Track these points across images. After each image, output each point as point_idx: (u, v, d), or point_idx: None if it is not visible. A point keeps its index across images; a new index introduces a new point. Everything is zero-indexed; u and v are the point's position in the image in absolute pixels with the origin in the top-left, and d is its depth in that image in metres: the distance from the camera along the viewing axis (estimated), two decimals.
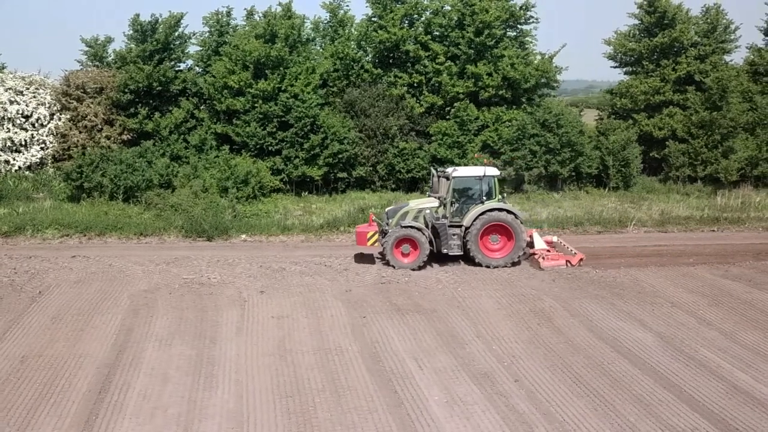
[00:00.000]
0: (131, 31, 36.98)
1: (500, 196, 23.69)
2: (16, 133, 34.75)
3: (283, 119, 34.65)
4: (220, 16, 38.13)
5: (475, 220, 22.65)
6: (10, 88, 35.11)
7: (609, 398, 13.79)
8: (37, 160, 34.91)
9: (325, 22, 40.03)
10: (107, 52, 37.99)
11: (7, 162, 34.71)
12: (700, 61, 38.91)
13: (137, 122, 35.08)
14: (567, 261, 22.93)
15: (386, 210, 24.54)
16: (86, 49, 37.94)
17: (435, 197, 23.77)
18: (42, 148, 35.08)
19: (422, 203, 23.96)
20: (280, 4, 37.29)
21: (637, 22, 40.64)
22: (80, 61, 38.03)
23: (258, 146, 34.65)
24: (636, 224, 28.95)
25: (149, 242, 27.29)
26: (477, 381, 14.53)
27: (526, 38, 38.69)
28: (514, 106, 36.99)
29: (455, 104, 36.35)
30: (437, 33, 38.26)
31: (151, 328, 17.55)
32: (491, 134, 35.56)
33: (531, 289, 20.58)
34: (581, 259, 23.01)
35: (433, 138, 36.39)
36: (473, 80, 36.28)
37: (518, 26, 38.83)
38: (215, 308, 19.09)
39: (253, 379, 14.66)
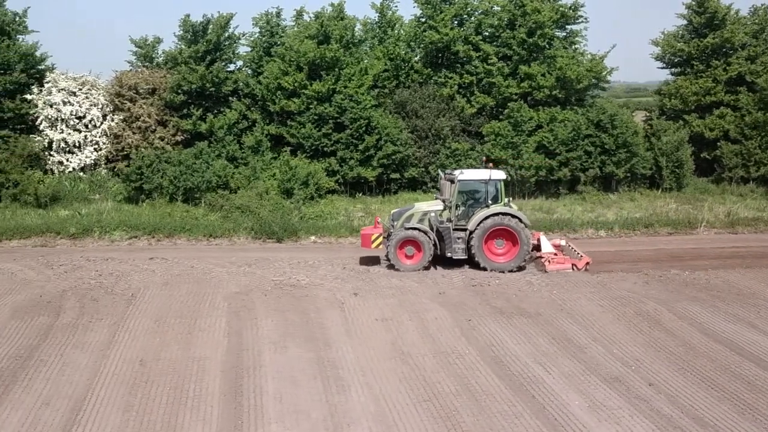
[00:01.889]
0: (181, 32, 36.88)
1: (506, 200, 23.42)
2: (69, 134, 34.61)
3: (338, 120, 34.50)
4: (269, 16, 37.94)
5: (479, 224, 22.42)
6: (63, 89, 34.96)
7: (751, 402, 13.64)
8: (91, 162, 34.74)
9: (374, 22, 39.86)
10: (157, 53, 37.87)
11: (60, 163, 34.57)
12: (751, 62, 38.73)
13: (191, 123, 34.93)
14: (573, 265, 22.73)
15: (392, 212, 24.47)
16: (135, 49, 37.83)
17: (441, 200, 23.57)
18: (95, 150, 34.91)
19: (428, 206, 23.79)
20: (332, 4, 37.16)
21: (685, 22, 40.45)
22: (130, 62, 37.96)
23: (313, 148, 34.49)
24: (705, 225, 28.77)
25: (219, 244, 27.16)
26: (611, 385, 14.37)
27: (576, 38, 38.50)
28: (568, 107, 36.80)
29: (508, 105, 36.17)
30: (487, 33, 38.12)
31: (260, 331, 17.40)
32: (546, 135, 35.36)
33: (626, 291, 20.41)
34: (588, 263, 22.76)
35: (486, 138, 36.21)
36: (528, 81, 36.09)
37: (567, 26, 38.66)
38: (315, 310, 18.94)
39: (383, 383, 14.49)
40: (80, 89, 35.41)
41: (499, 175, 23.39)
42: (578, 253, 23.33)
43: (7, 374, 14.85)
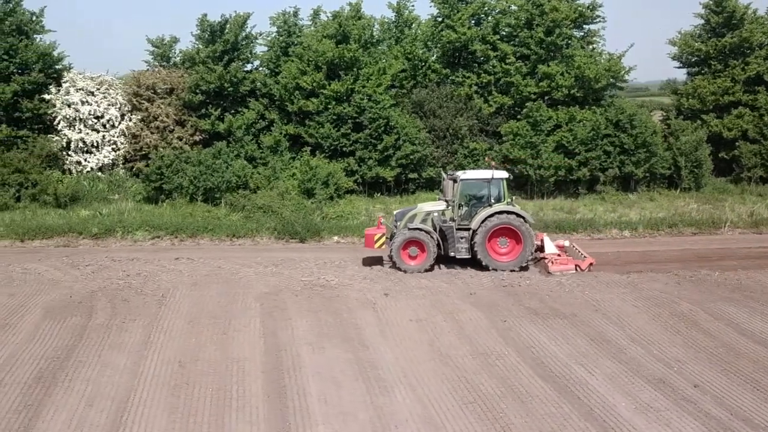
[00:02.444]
0: (198, 31, 36.80)
1: (509, 200, 23.31)
2: (87, 134, 34.53)
3: (356, 120, 34.41)
4: (287, 16, 37.83)
5: (482, 223, 22.31)
6: (81, 89, 34.88)
7: None
8: (110, 161, 34.66)
9: (390, 22, 39.77)
10: (173, 53, 37.80)
11: (78, 163, 34.50)
12: None
13: (209, 123, 34.84)
14: (576, 265, 22.59)
15: (395, 213, 24.33)
16: (152, 49, 37.74)
17: (443, 200, 23.46)
18: (113, 149, 34.83)
19: (431, 206, 23.68)
20: (350, 4, 37.06)
21: (702, 21, 40.30)
22: (147, 62, 37.87)
23: (332, 148, 34.40)
24: (729, 225, 28.63)
25: (242, 244, 27.06)
26: (656, 386, 14.26)
27: (594, 38, 38.40)
28: (586, 106, 36.69)
29: (527, 104, 36.05)
30: (504, 33, 38.01)
31: (296, 332, 17.31)
32: (565, 134, 35.24)
33: (658, 292, 20.29)
34: (591, 264, 22.63)
35: (504, 138, 36.10)
36: (546, 80, 35.98)
37: (584, 26, 38.54)
38: (348, 311, 18.85)
39: (426, 384, 14.40)
40: (98, 89, 35.33)
41: (502, 174, 23.30)
42: (582, 254, 23.20)
43: (47, 375, 14.77)
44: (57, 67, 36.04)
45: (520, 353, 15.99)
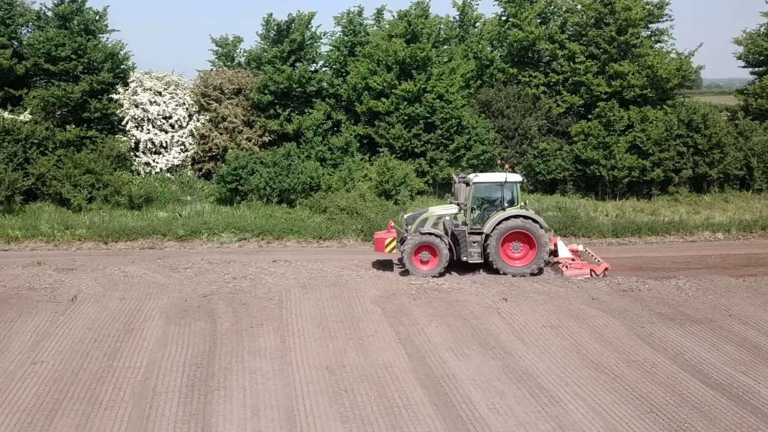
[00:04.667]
0: (264, 31, 36.44)
1: (522, 203, 22.79)
2: (156, 134, 34.21)
3: (428, 120, 33.99)
4: (352, 15, 37.41)
5: (495, 227, 21.79)
6: (148, 89, 34.58)
7: None
8: (179, 162, 34.33)
9: (455, 21, 39.34)
10: (237, 52, 37.46)
11: (147, 164, 34.17)
12: None
13: (278, 124, 34.47)
14: (591, 270, 22.09)
15: (405, 216, 23.86)
16: (216, 48, 37.43)
17: (455, 204, 22.98)
18: (182, 150, 34.50)
19: (442, 210, 23.16)
20: (417, 3, 36.59)
21: None
22: (211, 62, 37.53)
23: (403, 148, 33.97)
24: None
25: (330, 246, 26.70)
26: None
27: (662, 36, 37.86)
28: (659, 106, 36.16)
29: (598, 104, 35.54)
30: (571, 32, 37.52)
31: (430, 337, 16.93)
32: (638, 134, 34.69)
33: None
34: (606, 269, 22.13)
35: (575, 139, 35.60)
36: (618, 80, 35.47)
37: (651, 24, 37.99)
38: (473, 316, 18.45)
39: (593, 393, 13.99)
40: (165, 89, 35.01)
41: (515, 177, 22.84)
42: (596, 259, 22.71)
43: (198, 383, 14.42)
44: (123, 66, 35.69)
45: (674, 360, 15.55)
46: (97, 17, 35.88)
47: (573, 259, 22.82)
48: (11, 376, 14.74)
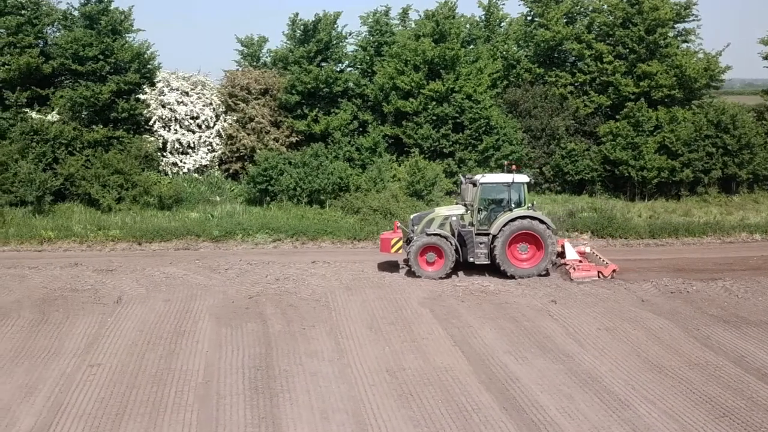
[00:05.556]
0: (289, 31, 36.31)
1: (530, 204, 22.56)
2: (183, 134, 34.08)
3: (457, 120, 33.83)
4: (378, 15, 37.25)
5: (503, 228, 21.55)
6: (175, 89, 34.45)
7: None
8: (206, 163, 34.19)
9: (481, 20, 39.19)
10: (263, 52, 37.32)
11: (174, 164, 34.03)
12: None
13: (305, 124, 34.33)
14: (599, 272, 21.87)
15: (411, 217, 23.63)
16: (241, 48, 37.32)
17: (462, 204, 22.76)
18: (209, 151, 34.37)
19: (449, 210, 22.95)
20: (446, 2, 36.43)
21: None
22: (237, 62, 37.42)
23: (431, 148, 33.81)
24: None
25: (365, 246, 26.48)
26: None
27: (689, 36, 37.66)
28: (686, 106, 35.99)
29: (626, 104, 35.37)
30: (598, 31, 37.34)
31: (486, 340, 16.79)
32: (668, 135, 34.50)
33: None
34: (614, 271, 21.91)
35: (603, 139, 35.42)
36: (647, 80, 35.29)
37: (677, 24, 37.80)
38: (525, 318, 18.31)
39: (662, 398, 13.83)
40: (192, 89, 34.89)
41: (523, 178, 22.58)
42: (604, 261, 22.51)
43: (261, 386, 14.27)
44: (149, 66, 35.55)
45: (737, 363, 15.39)
46: (123, 17, 35.78)
47: (580, 261, 22.61)
48: (70, 379, 14.63)
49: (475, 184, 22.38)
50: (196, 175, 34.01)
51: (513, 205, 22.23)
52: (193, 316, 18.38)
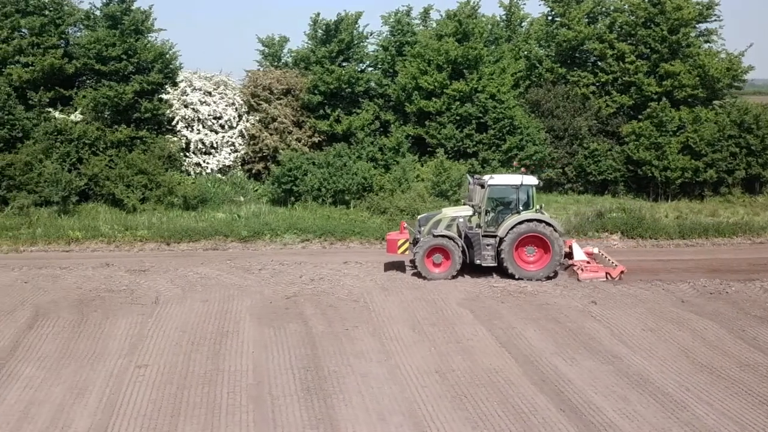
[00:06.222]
0: (311, 31, 36.25)
1: (538, 207, 22.34)
2: (206, 134, 34.04)
3: (480, 120, 33.75)
4: (400, 15, 37.18)
5: (510, 231, 21.42)
6: (198, 89, 34.40)
7: None
8: (229, 163, 34.14)
9: (502, 20, 39.11)
10: (284, 52, 37.27)
11: (198, 165, 33.98)
12: None
13: (328, 124, 34.26)
14: (607, 273, 21.73)
15: (418, 218, 23.51)
16: (262, 48, 37.27)
17: (470, 206, 22.61)
18: (232, 151, 34.31)
19: (456, 212, 22.77)
20: (466, 2, 36.37)
21: None
22: (258, 62, 37.35)
23: (455, 148, 33.74)
24: None
25: None
26: None
27: (711, 36, 37.55)
28: (709, 106, 35.88)
29: (649, 104, 35.26)
30: (620, 31, 37.24)
31: (531, 341, 16.71)
32: (691, 135, 34.38)
33: None
34: (622, 272, 21.75)
35: (626, 139, 35.32)
36: (670, 79, 35.19)
37: (699, 24, 37.69)
38: (567, 319, 18.23)
39: (718, 399, 13.74)
40: (215, 89, 34.84)
41: (532, 180, 22.37)
42: (612, 262, 22.35)
43: (313, 387, 14.21)
44: (171, 66, 35.48)
45: None
46: (144, 17, 35.71)
47: (588, 262, 22.49)
48: (119, 380, 14.57)
49: (482, 186, 22.25)
50: (219, 175, 33.96)
51: (521, 208, 22.06)
52: (233, 317, 18.32)
